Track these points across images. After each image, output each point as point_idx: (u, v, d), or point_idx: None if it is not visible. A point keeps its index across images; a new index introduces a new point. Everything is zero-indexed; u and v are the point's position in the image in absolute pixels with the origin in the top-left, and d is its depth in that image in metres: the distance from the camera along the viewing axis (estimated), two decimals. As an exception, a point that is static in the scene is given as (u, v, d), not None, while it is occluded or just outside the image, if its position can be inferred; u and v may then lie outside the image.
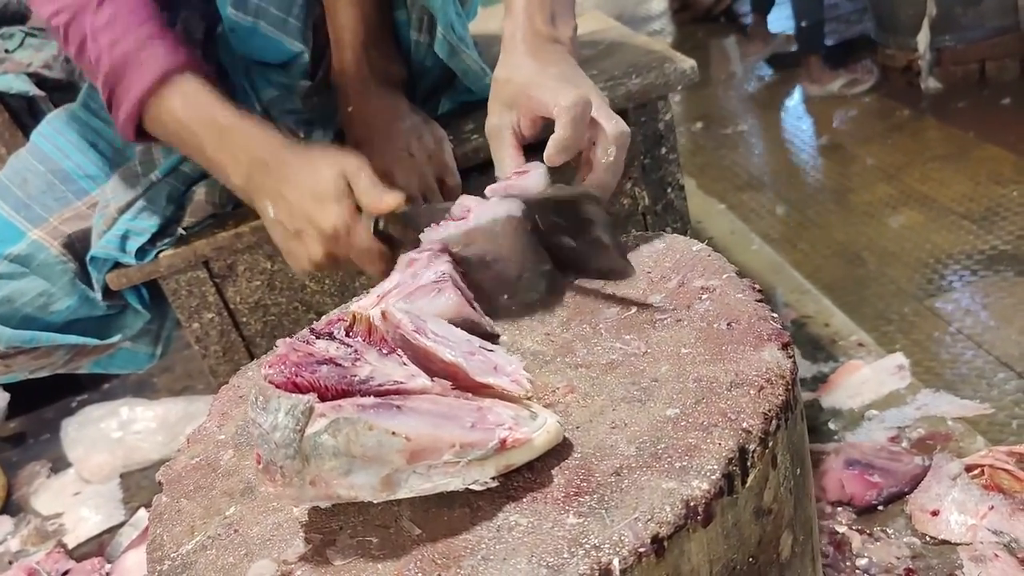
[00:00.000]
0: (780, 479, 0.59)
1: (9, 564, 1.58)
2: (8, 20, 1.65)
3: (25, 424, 2.13)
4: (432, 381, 0.58)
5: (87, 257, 1.15)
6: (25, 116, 1.71)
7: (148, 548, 0.65)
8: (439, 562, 0.54)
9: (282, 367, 0.56)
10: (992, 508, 1.06)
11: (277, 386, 0.55)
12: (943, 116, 2.51)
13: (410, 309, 0.65)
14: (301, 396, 0.54)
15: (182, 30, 1.15)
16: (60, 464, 1.87)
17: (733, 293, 0.70)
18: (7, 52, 1.70)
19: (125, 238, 1.14)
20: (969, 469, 1.13)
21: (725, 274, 0.73)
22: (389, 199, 0.90)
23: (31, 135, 1.22)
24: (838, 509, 1.16)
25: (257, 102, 1.17)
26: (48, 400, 2.16)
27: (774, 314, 0.67)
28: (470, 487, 0.56)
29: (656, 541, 0.51)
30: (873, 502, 1.15)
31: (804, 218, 2.24)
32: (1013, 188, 2.01)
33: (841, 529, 1.12)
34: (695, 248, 0.79)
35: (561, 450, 0.59)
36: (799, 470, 0.63)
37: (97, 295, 1.17)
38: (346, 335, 0.60)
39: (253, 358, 1.22)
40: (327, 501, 0.57)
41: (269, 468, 0.55)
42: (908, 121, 2.57)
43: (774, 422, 0.57)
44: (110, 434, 1.79)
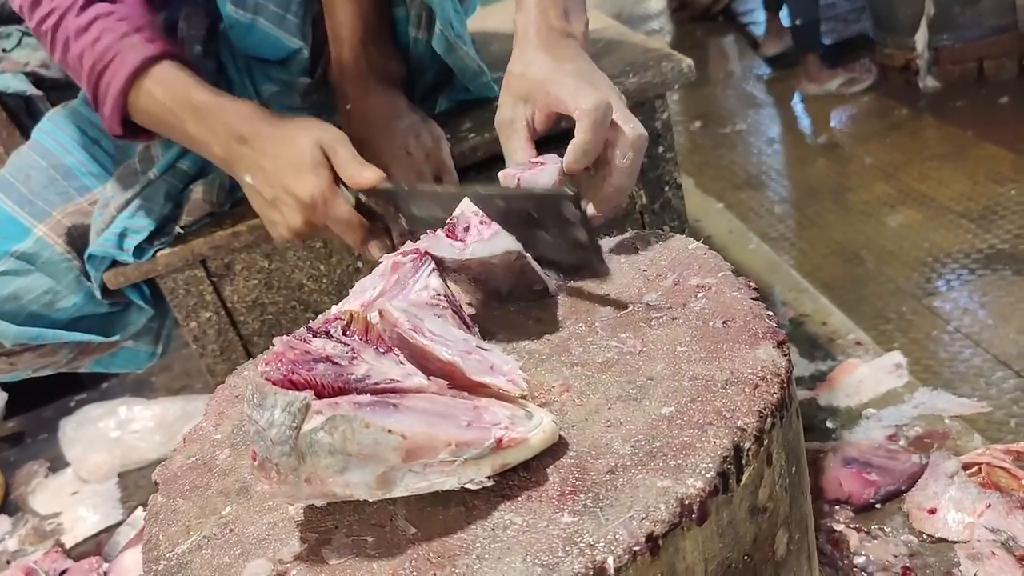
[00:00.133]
0: (775, 477, 0.59)
1: (7, 563, 1.58)
2: (5, 20, 1.65)
3: (23, 423, 2.13)
4: (428, 380, 0.58)
5: (85, 255, 1.15)
6: (23, 116, 1.71)
7: (144, 548, 0.65)
8: (434, 561, 0.54)
9: (279, 364, 0.56)
10: (989, 506, 1.06)
11: (274, 383, 0.55)
12: (941, 115, 2.51)
13: (407, 308, 0.65)
14: (297, 393, 0.54)
15: (184, 27, 1.15)
16: (58, 463, 1.87)
17: (729, 291, 0.70)
18: (4, 51, 1.70)
19: (123, 236, 1.14)
20: (966, 467, 1.13)
21: (721, 272, 0.73)
22: (369, 175, 0.92)
23: (32, 132, 1.23)
24: (836, 507, 1.16)
25: (257, 98, 1.17)
26: (46, 399, 2.16)
27: (769, 312, 0.67)
28: (466, 486, 0.56)
29: (651, 539, 0.51)
30: (871, 500, 1.15)
31: (802, 217, 2.24)
32: (1011, 187, 2.01)
33: (839, 527, 1.12)
34: (691, 246, 0.79)
35: (556, 449, 0.59)
36: (794, 468, 0.63)
37: (97, 293, 1.17)
38: (343, 334, 0.60)
39: (251, 357, 1.22)
40: (323, 499, 0.57)
41: (265, 465, 0.55)
42: (906, 120, 2.57)
43: (769, 420, 0.57)
44: (108, 433, 1.79)
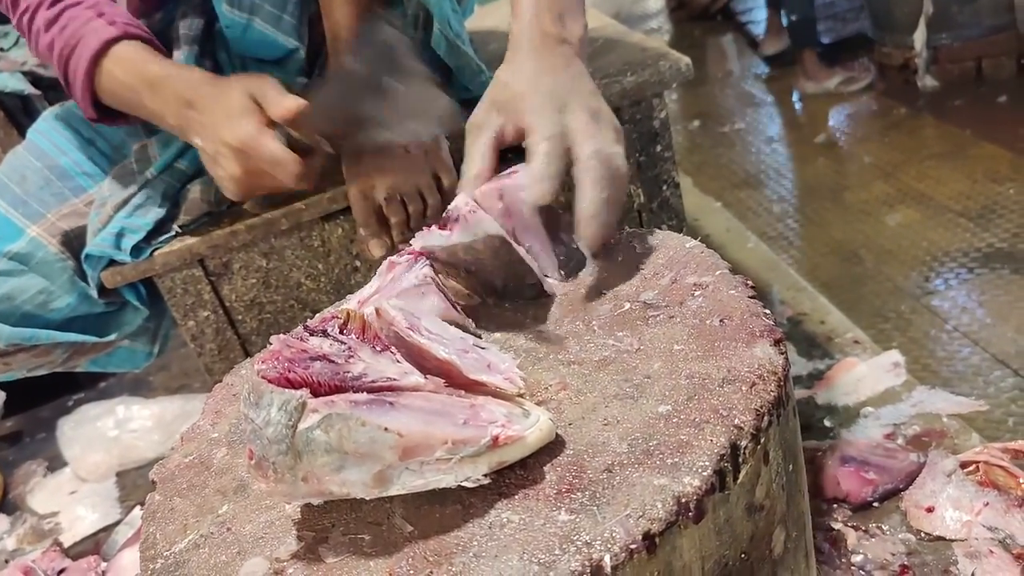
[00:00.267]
0: (772, 475, 0.59)
1: (5, 563, 1.58)
2: (2, 19, 1.65)
3: (21, 423, 2.13)
4: (425, 378, 0.58)
5: (82, 255, 1.15)
6: (20, 115, 1.70)
7: (141, 547, 0.65)
8: (431, 559, 0.54)
9: (275, 363, 0.56)
10: (987, 504, 1.06)
11: (270, 381, 0.55)
12: (940, 114, 2.51)
13: (404, 307, 0.65)
14: (294, 391, 0.54)
15: (181, 27, 1.15)
16: (56, 463, 1.86)
17: (726, 290, 0.70)
18: (2, 50, 1.70)
19: (120, 236, 1.14)
20: (964, 466, 1.13)
21: (718, 271, 0.73)
22: (289, 103, 0.95)
23: (27, 132, 1.22)
24: (833, 506, 1.16)
25: None
26: (44, 399, 2.16)
27: (766, 310, 0.67)
28: (462, 484, 0.56)
29: (647, 538, 0.51)
30: (868, 499, 1.15)
31: (801, 216, 2.24)
32: (1009, 186, 2.01)
33: (836, 526, 1.12)
34: (688, 245, 0.78)
35: (553, 447, 0.59)
36: (791, 466, 0.63)
37: (93, 293, 1.17)
38: (340, 332, 0.60)
39: (248, 356, 1.21)
40: (319, 498, 0.57)
41: (261, 464, 0.55)
42: (905, 119, 2.57)
43: (766, 418, 0.57)
44: (106, 433, 1.79)
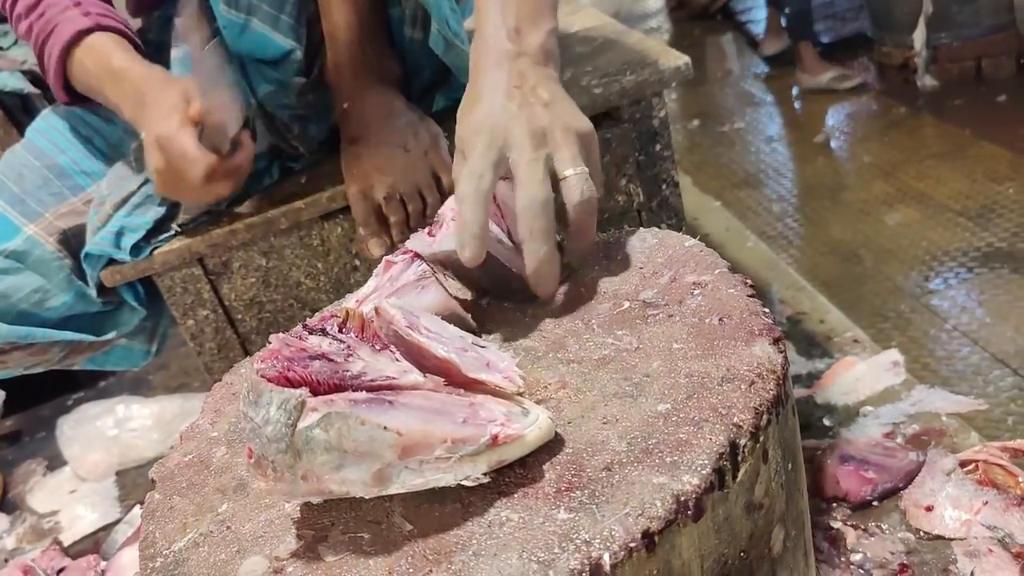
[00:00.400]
0: (771, 474, 0.59)
1: (5, 562, 1.58)
2: (2, 18, 1.65)
3: (21, 422, 2.13)
4: (424, 377, 0.58)
5: (82, 254, 1.15)
6: (20, 113, 1.71)
7: (140, 545, 0.65)
8: (430, 558, 0.54)
9: (274, 362, 0.56)
10: (986, 503, 1.06)
11: (269, 380, 0.55)
12: (939, 114, 2.51)
13: (403, 305, 0.65)
14: (293, 390, 0.54)
15: (178, 25, 1.15)
16: (56, 462, 1.86)
17: (725, 288, 0.70)
18: (2, 49, 1.70)
19: (120, 235, 1.14)
20: (963, 465, 1.13)
21: (717, 270, 0.73)
22: (195, 104, 1.01)
23: (26, 131, 1.23)
24: (833, 505, 1.16)
25: (253, 96, 1.17)
26: (44, 398, 2.16)
27: (766, 309, 0.67)
28: (462, 483, 0.55)
29: (647, 536, 0.51)
30: (868, 498, 1.15)
31: (800, 215, 2.24)
32: (1009, 185, 2.01)
33: (836, 525, 1.12)
34: (687, 244, 0.78)
35: (552, 446, 0.59)
36: (791, 465, 0.63)
37: (92, 292, 1.17)
38: (339, 331, 0.60)
39: (248, 355, 1.21)
40: (319, 496, 0.57)
41: (261, 463, 0.55)
42: (904, 119, 2.57)
43: (765, 417, 0.57)
44: (106, 432, 1.79)
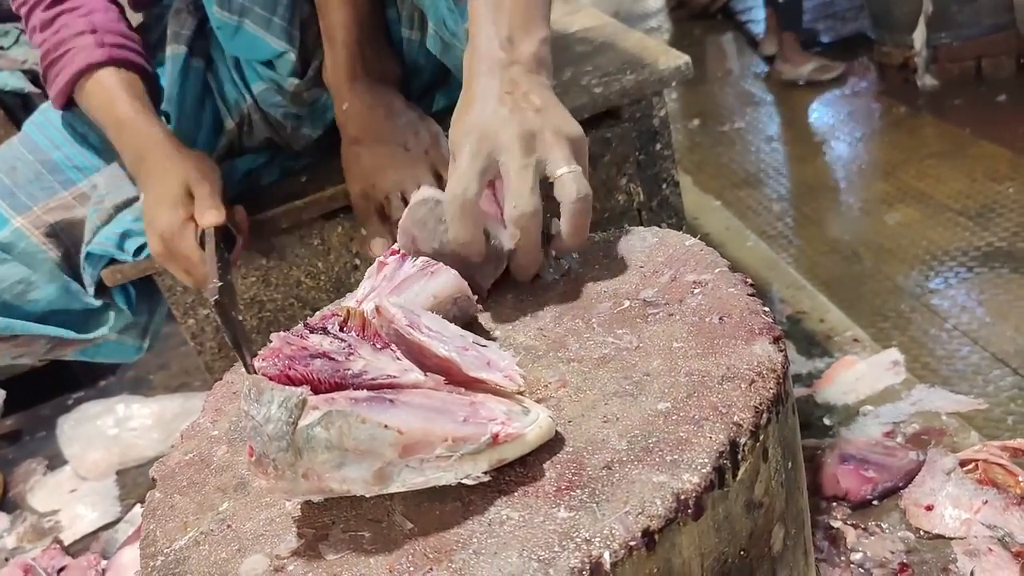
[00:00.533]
0: (771, 472, 0.59)
1: (6, 561, 1.58)
2: (3, 17, 1.65)
3: (21, 421, 2.13)
4: (425, 376, 0.58)
5: (83, 253, 1.15)
6: (20, 113, 1.71)
7: (141, 544, 0.65)
8: (431, 556, 0.54)
9: (275, 360, 0.56)
10: (986, 503, 1.06)
11: (271, 379, 0.55)
12: (939, 113, 2.51)
13: (404, 303, 0.65)
14: (294, 389, 0.54)
15: (173, 23, 1.15)
16: (56, 461, 1.87)
17: (725, 287, 0.70)
18: (2, 49, 1.71)
19: (124, 237, 1.14)
20: (963, 464, 1.13)
21: (717, 268, 0.73)
22: (208, 216, 1.04)
23: (24, 124, 1.23)
24: (833, 504, 1.16)
25: (248, 94, 1.18)
26: (44, 397, 2.16)
27: (766, 308, 0.67)
28: (462, 481, 0.56)
29: (647, 534, 0.51)
30: (868, 497, 1.15)
31: (800, 215, 2.24)
32: (1009, 185, 2.01)
33: (836, 524, 1.12)
34: (688, 243, 0.78)
35: (553, 444, 0.59)
36: (791, 463, 0.63)
37: (90, 290, 1.17)
38: (340, 330, 0.60)
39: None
40: (319, 495, 0.57)
41: (262, 461, 0.55)
42: (904, 118, 2.57)
43: (765, 415, 0.57)
44: (106, 431, 1.80)
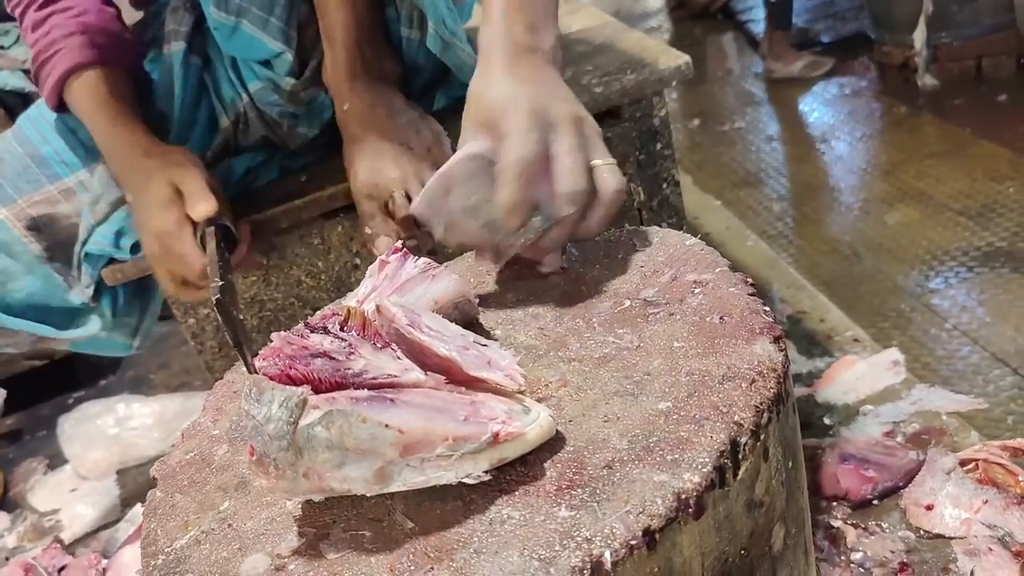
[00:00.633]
0: (772, 472, 0.59)
1: (6, 560, 1.58)
2: (3, 17, 1.65)
3: (22, 420, 2.13)
4: (426, 375, 0.58)
5: (81, 253, 1.15)
6: (20, 112, 1.70)
7: (142, 543, 0.65)
8: (432, 555, 0.54)
9: (276, 360, 0.56)
10: (986, 502, 1.06)
11: (271, 378, 0.55)
12: (940, 113, 2.51)
13: (404, 303, 0.65)
14: (295, 388, 0.54)
15: (170, 22, 1.16)
16: (57, 460, 1.87)
17: (726, 287, 0.70)
18: (3, 48, 1.71)
19: (120, 235, 1.14)
20: (963, 464, 1.13)
21: (718, 268, 0.73)
22: (200, 208, 1.03)
23: (19, 117, 1.24)
24: (833, 504, 1.16)
25: (245, 92, 1.18)
26: (45, 396, 2.16)
27: (766, 308, 0.67)
28: (463, 480, 0.56)
29: (647, 534, 0.51)
30: (868, 496, 1.15)
31: (800, 214, 2.24)
32: (1009, 185, 2.01)
33: (836, 523, 1.12)
34: (688, 242, 0.78)
35: (554, 444, 0.59)
36: (791, 463, 0.63)
37: (89, 291, 1.17)
38: (340, 329, 0.60)
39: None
40: (320, 494, 0.57)
41: (262, 460, 0.55)
42: (905, 118, 2.57)
43: (766, 415, 0.57)
44: (107, 431, 1.80)
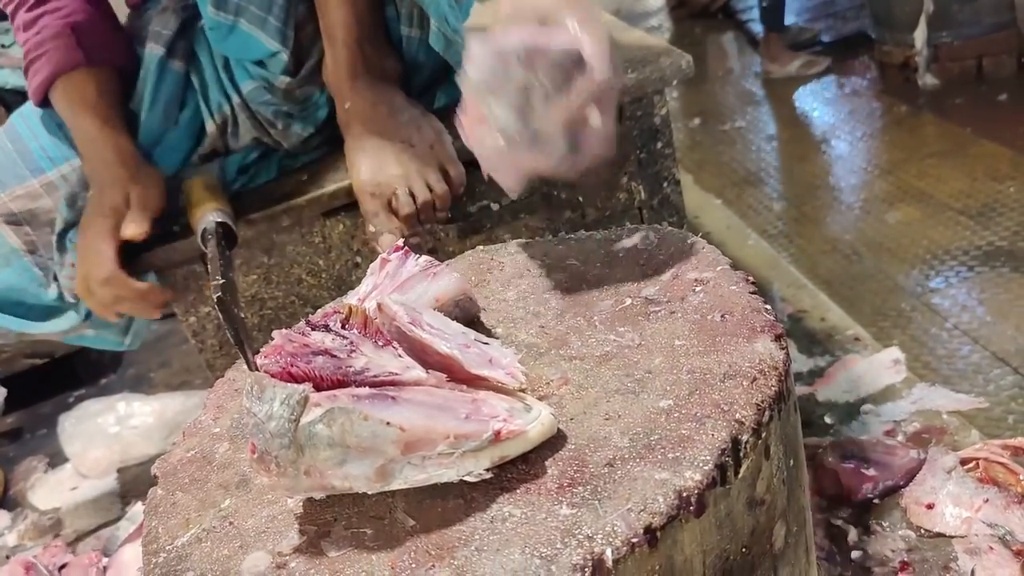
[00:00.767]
0: (773, 470, 0.59)
1: (6, 559, 1.59)
2: (4, 16, 1.65)
3: (22, 419, 2.13)
4: (427, 373, 0.58)
5: (63, 254, 1.16)
6: (21, 110, 1.70)
7: (143, 541, 0.65)
8: (433, 553, 0.54)
9: (278, 357, 0.56)
10: (987, 501, 1.06)
11: (273, 376, 0.55)
12: (940, 112, 2.51)
13: (406, 301, 0.65)
14: (296, 386, 0.54)
15: (156, 24, 1.16)
16: (57, 459, 1.87)
17: (727, 285, 0.70)
18: (3, 47, 1.71)
19: None
20: (964, 463, 1.13)
21: (719, 266, 0.73)
22: (130, 227, 1.08)
23: (13, 113, 1.24)
24: (834, 502, 1.16)
25: (236, 93, 1.17)
26: (45, 395, 2.16)
27: (767, 306, 0.67)
28: (464, 478, 0.56)
29: (649, 531, 0.51)
30: (868, 495, 1.15)
31: (801, 214, 2.24)
32: (1010, 184, 2.01)
33: (837, 522, 1.12)
34: (689, 241, 0.78)
35: (555, 441, 0.59)
36: (792, 461, 0.63)
37: (72, 283, 1.18)
38: (342, 327, 0.60)
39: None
40: (321, 492, 0.57)
41: (264, 458, 0.55)
42: (905, 117, 2.57)
43: (767, 413, 0.57)
44: (107, 429, 1.80)
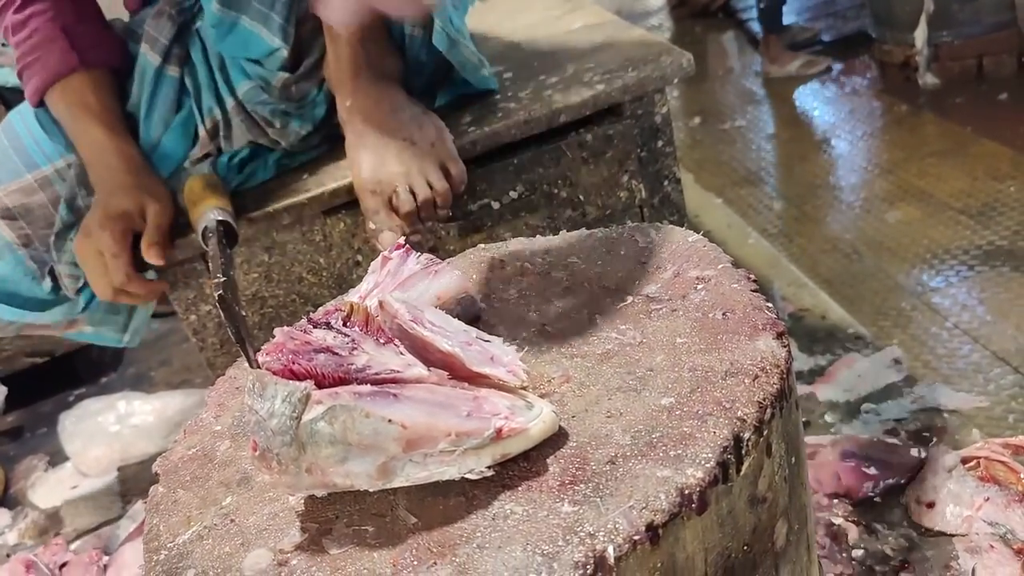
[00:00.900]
0: (775, 468, 0.59)
1: (7, 557, 1.59)
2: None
3: (23, 418, 2.13)
4: (429, 370, 0.58)
5: (60, 250, 1.16)
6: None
7: (144, 538, 0.65)
8: (435, 550, 0.54)
9: (279, 355, 0.56)
10: (987, 500, 1.06)
11: (274, 373, 0.55)
12: (940, 112, 2.51)
13: (407, 299, 0.65)
14: (298, 383, 0.54)
15: (151, 28, 1.16)
16: (58, 458, 1.87)
17: (728, 283, 0.70)
18: (4, 46, 1.70)
19: None
20: (965, 461, 1.14)
21: (720, 264, 0.73)
22: (151, 255, 1.10)
23: (12, 110, 1.24)
24: (835, 501, 1.16)
25: (231, 96, 1.17)
26: (46, 394, 2.16)
27: (769, 304, 0.67)
28: (466, 476, 0.56)
29: (651, 529, 0.51)
30: (869, 494, 1.15)
31: (801, 213, 2.24)
32: (1010, 183, 2.01)
33: (838, 521, 1.12)
34: (690, 239, 0.78)
35: (556, 439, 0.59)
36: (794, 459, 0.63)
37: (70, 282, 1.18)
38: (343, 324, 0.60)
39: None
40: (323, 489, 0.57)
41: (265, 455, 0.55)
42: (906, 116, 2.57)
43: (769, 410, 0.57)
44: (108, 428, 1.80)
